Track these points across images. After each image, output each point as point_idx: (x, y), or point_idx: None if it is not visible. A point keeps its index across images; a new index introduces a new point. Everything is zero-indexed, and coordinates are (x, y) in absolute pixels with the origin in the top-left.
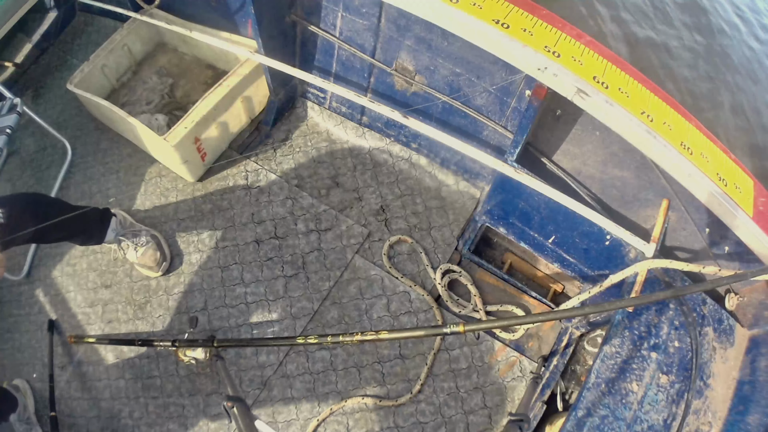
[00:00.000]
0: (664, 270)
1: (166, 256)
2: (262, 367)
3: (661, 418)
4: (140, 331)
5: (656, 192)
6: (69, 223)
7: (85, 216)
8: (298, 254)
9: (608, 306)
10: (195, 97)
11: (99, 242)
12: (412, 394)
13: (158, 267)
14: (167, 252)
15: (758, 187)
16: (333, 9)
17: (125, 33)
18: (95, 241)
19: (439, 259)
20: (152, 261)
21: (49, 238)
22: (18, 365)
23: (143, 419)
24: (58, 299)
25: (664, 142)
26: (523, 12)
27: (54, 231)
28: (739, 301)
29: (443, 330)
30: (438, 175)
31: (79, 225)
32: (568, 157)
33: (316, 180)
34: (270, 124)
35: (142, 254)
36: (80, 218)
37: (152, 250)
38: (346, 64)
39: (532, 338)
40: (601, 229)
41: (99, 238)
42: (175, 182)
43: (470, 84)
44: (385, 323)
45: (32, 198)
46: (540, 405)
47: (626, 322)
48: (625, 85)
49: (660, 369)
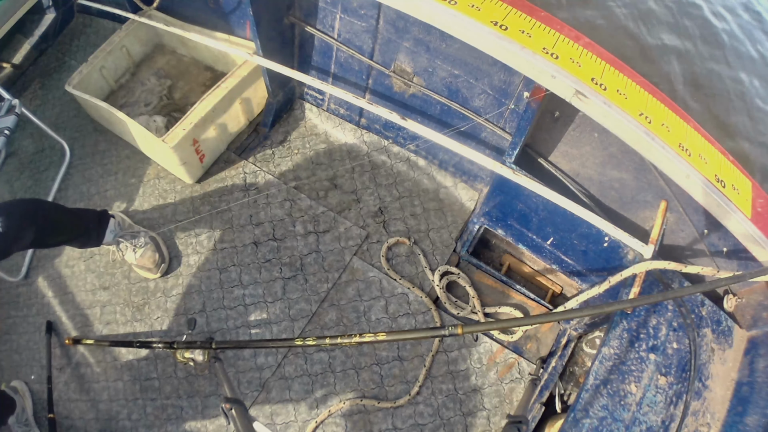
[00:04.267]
0: (663, 271)
1: (164, 257)
2: (260, 369)
3: (660, 419)
4: (138, 332)
5: (654, 193)
6: (67, 227)
7: (83, 218)
8: (297, 256)
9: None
10: (193, 98)
11: (97, 244)
12: (411, 396)
13: (157, 268)
14: (166, 253)
15: (756, 189)
16: (331, 11)
17: (124, 34)
18: (94, 243)
19: (438, 261)
20: (151, 262)
21: (48, 243)
22: (16, 367)
23: (141, 421)
24: (56, 301)
25: (663, 144)
26: (521, 14)
27: (53, 236)
28: (738, 303)
29: (441, 332)
30: (436, 176)
31: (77, 228)
32: (567, 158)
33: (315, 182)
34: (268, 125)
35: (140, 255)
36: (78, 221)
37: (151, 252)
38: (344, 66)
39: (531, 340)
40: (600, 231)
41: (97, 241)
42: (173, 184)
43: (468, 86)
44: (383, 325)
45: (30, 205)
46: (538, 406)
47: (625, 323)
48: (623, 86)
49: (658, 370)
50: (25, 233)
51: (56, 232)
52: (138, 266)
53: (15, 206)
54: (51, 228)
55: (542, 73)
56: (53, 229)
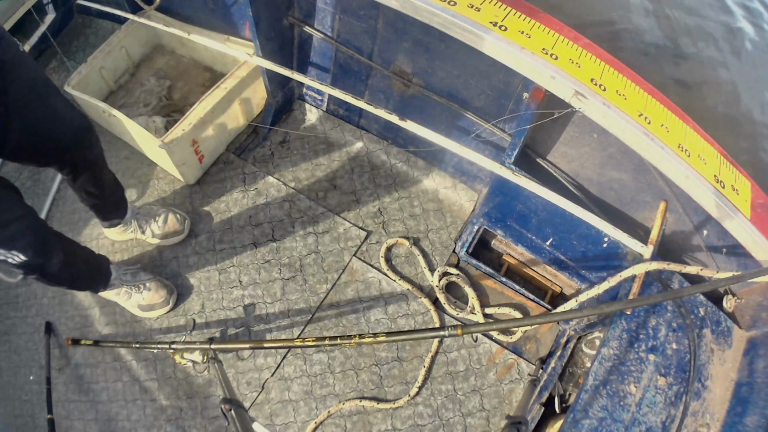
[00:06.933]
0: (662, 272)
1: (171, 289)
2: (259, 370)
3: (659, 420)
4: (138, 333)
5: (654, 194)
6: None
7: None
8: (296, 257)
9: (606, 308)
10: (193, 99)
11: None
12: (410, 397)
13: (166, 303)
14: (172, 287)
15: (755, 189)
16: (330, 11)
17: (123, 35)
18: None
19: (437, 262)
20: (158, 298)
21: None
22: (15, 367)
23: (141, 422)
24: (55, 301)
25: (662, 145)
26: (520, 15)
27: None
28: (737, 303)
29: (441, 332)
30: (436, 177)
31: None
32: (566, 159)
33: (314, 182)
34: (268, 126)
35: (145, 297)
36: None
37: (154, 290)
38: (343, 67)
39: (530, 340)
40: (599, 231)
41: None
42: (172, 184)
43: (468, 86)
44: (382, 326)
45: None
46: (538, 407)
47: (624, 324)
48: (622, 87)
49: (658, 371)
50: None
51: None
52: (147, 306)
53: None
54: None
55: (541, 74)
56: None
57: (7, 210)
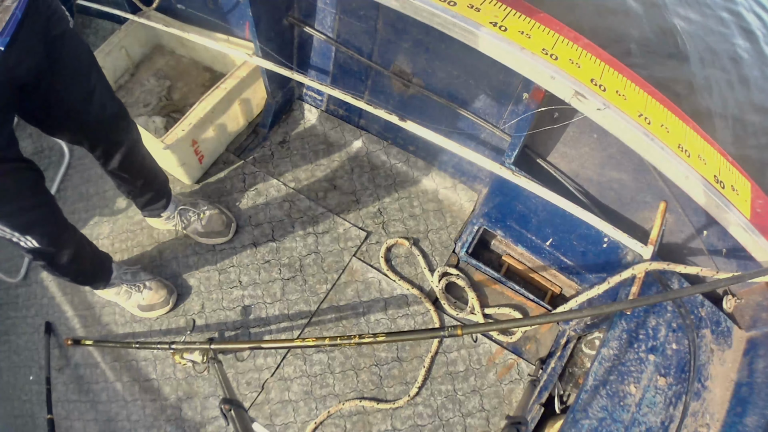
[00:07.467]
0: (662, 272)
1: (172, 289)
2: (259, 370)
3: (659, 420)
4: (137, 333)
5: (654, 194)
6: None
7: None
8: (296, 257)
9: (606, 308)
10: (192, 99)
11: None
12: (410, 397)
13: (166, 303)
14: (172, 287)
15: (755, 190)
16: (330, 11)
17: (123, 35)
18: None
19: (437, 262)
20: (158, 298)
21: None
22: (15, 368)
23: (140, 422)
24: (55, 301)
25: (662, 145)
26: (520, 15)
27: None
28: (737, 303)
29: (441, 333)
30: (435, 177)
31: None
32: (566, 159)
33: (314, 182)
34: (267, 126)
35: (144, 297)
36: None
37: (155, 290)
38: (343, 67)
39: (530, 341)
40: (599, 232)
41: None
42: (172, 185)
43: (468, 86)
44: (382, 326)
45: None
46: (538, 407)
47: (624, 324)
48: (622, 87)
49: (658, 371)
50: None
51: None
52: (147, 306)
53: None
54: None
55: (541, 74)
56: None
57: (30, 196)
